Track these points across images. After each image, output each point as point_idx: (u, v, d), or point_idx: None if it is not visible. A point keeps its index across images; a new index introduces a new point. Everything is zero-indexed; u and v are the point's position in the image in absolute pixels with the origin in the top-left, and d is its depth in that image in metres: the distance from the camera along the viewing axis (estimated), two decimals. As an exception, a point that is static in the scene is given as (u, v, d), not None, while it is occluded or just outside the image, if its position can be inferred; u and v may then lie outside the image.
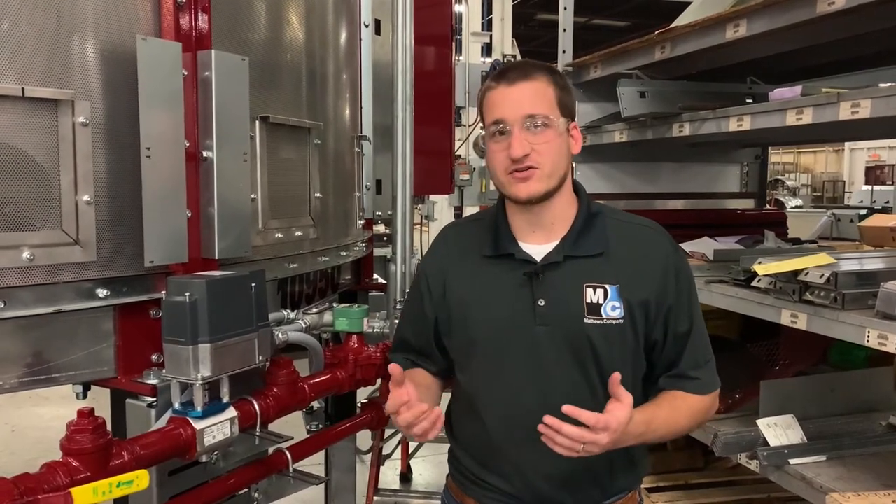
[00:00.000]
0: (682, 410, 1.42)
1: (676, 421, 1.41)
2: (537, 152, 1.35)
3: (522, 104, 1.35)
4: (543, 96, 1.36)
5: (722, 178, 4.35)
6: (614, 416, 1.22)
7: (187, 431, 1.31)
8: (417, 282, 1.56)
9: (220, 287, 1.34)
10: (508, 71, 1.40)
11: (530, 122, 1.35)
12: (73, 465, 1.13)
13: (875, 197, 14.00)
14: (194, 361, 1.30)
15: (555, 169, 1.37)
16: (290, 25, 1.90)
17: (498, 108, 1.37)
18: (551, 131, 1.36)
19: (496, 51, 7.61)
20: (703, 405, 1.45)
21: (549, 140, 1.36)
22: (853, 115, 2.18)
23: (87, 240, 1.36)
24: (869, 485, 2.28)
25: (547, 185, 1.37)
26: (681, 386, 1.43)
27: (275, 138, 1.77)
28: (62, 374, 1.40)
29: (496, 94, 1.38)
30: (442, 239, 1.59)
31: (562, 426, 1.20)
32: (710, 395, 1.46)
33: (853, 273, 2.29)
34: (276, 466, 1.60)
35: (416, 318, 1.54)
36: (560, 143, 1.38)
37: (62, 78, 1.32)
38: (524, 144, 1.34)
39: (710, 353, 1.48)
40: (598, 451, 1.23)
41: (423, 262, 1.58)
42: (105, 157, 1.39)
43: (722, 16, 2.67)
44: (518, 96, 1.36)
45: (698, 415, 1.45)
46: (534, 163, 1.35)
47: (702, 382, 1.44)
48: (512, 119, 1.35)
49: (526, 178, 1.36)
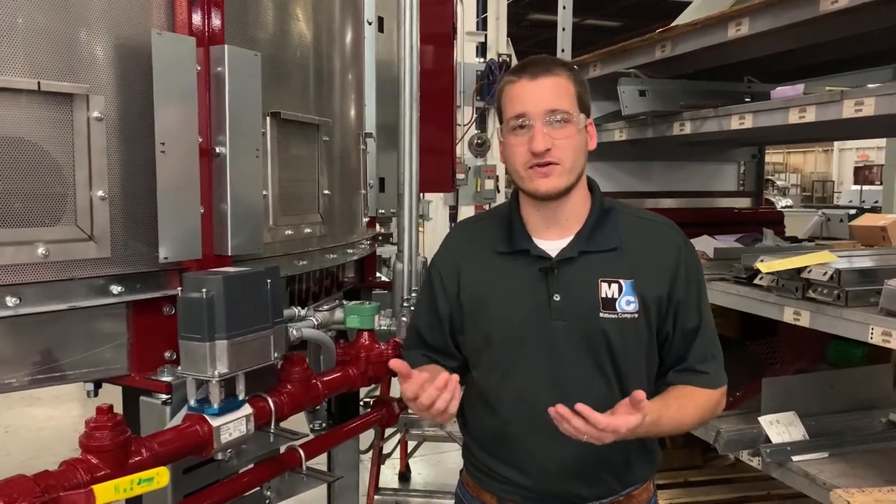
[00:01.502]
0: (689, 407, 1.42)
1: (683, 417, 1.42)
2: (558, 147, 1.35)
3: (545, 99, 1.35)
4: (565, 92, 1.37)
5: (719, 177, 4.37)
6: (625, 421, 1.22)
7: (204, 429, 1.30)
8: (430, 279, 1.56)
9: (237, 283, 1.33)
10: (529, 65, 1.40)
11: (552, 117, 1.35)
12: (93, 462, 1.11)
13: (864, 197, 14.14)
14: (211, 358, 1.29)
15: (574, 164, 1.38)
16: (298, 21, 1.89)
17: (519, 101, 1.37)
18: (572, 127, 1.37)
19: (491, 50, 7.59)
20: (710, 401, 1.45)
21: (570, 136, 1.36)
22: (856, 113, 2.20)
23: (102, 236, 1.35)
24: (871, 481, 2.29)
25: (567, 180, 1.38)
26: (689, 380, 1.44)
27: (285, 135, 1.76)
28: (75, 371, 1.38)
29: (517, 88, 1.38)
30: (454, 236, 1.60)
31: (571, 418, 1.20)
32: (719, 389, 1.47)
33: (856, 270, 2.30)
34: (289, 464, 1.59)
35: (431, 316, 1.53)
36: (580, 138, 1.39)
37: (77, 72, 1.31)
38: (546, 139, 1.34)
39: (717, 347, 1.48)
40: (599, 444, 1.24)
41: (435, 259, 1.58)
42: (119, 152, 1.38)
43: (724, 14, 2.68)
44: (540, 91, 1.36)
45: (706, 411, 1.45)
46: (554, 158, 1.36)
47: (710, 377, 1.44)
48: (534, 113, 1.35)
49: (547, 174, 1.36)
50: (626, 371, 1.41)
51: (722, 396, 1.48)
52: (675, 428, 1.44)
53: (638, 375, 1.42)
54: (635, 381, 1.41)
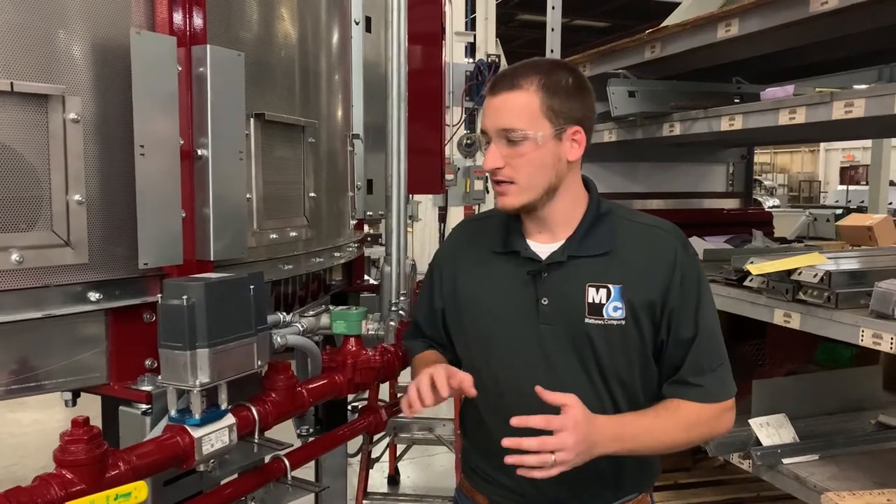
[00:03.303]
0: (668, 419, 1.34)
1: (665, 427, 1.33)
2: (511, 167, 1.34)
3: (499, 116, 1.34)
4: (524, 108, 1.31)
5: (708, 178, 4.37)
6: (568, 414, 1.19)
7: (185, 440, 1.26)
8: (431, 272, 1.58)
9: (219, 290, 1.29)
10: (499, 79, 1.37)
11: (505, 135, 1.33)
12: (68, 477, 1.07)
13: (850, 197, 14.23)
14: (192, 367, 1.25)
15: (531, 182, 1.35)
16: (283, 21, 1.86)
17: (483, 116, 1.38)
18: (528, 144, 1.32)
19: (480, 50, 7.58)
20: (701, 416, 1.35)
21: (525, 154, 1.33)
22: (846, 114, 2.19)
23: (79, 241, 1.30)
24: (862, 483, 2.29)
25: (525, 198, 1.36)
26: (681, 393, 1.36)
27: (269, 136, 1.73)
28: (51, 381, 1.34)
29: (486, 103, 1.38)
30: (457, 232, 1.61)
31: (520, 442, 1.17)
32: (718, 404, 1.36)
33: (846, 272, 2.30)
34: (274, 474, 1.56)
35: (428, 308, 1.57)
36: (541, 154, 1.33)
37: (53, 72, 1.27)
38: (496, 158, 1.34)
39: (719, 360, 1.38)
40: (571, 455, 1.17)
41: (437, 255, 1.61)
42: (97, 155, 1.34)
43: (714, 15, 2.67)
44: (497, 108, 1.34)
45: (695, 426, 1.36)
46: (505, 177, 1.35)
47: (704, 390, 1.35)
48: (490, 130, 1.36)
49: (503, 193, 1.37)
50: (615, 378, 1.37)
51: (724, 411, 1.38)
52: (656, 440, 1.34)
53: (629, 384, 1.38)
54: (626, 389, 1.38)
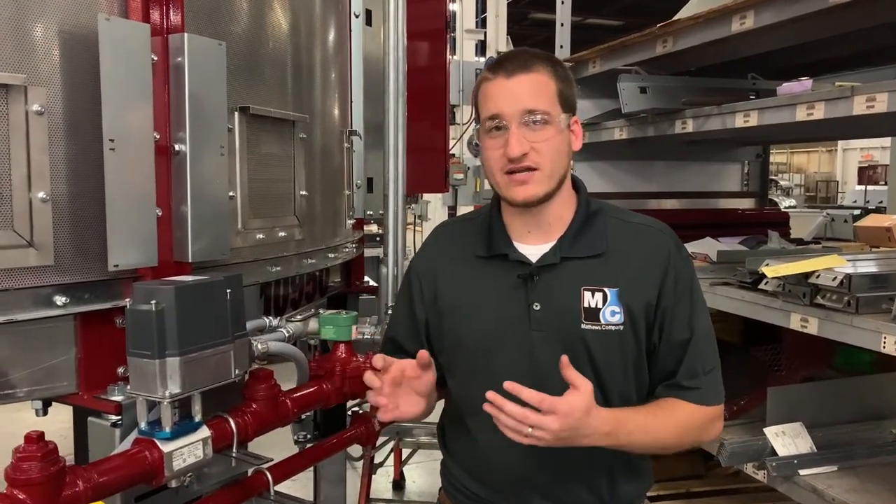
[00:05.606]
0: (664, 418, 1.28)
1: (660, 427, 1.27)
2: (536, 151, 1.24)
3: (521, 98, 1.24)
4: (544, 90, 1.25)
5: (722, 178, 4.26)
6: (565, 401, 1.11)
7: (154, 455, 1.18)
8: (408, 282, 1.46)
9: (191, 294, 1.21)
10: (506, 61, 1.28)
11: (529, 118, 1.24)
12: (20, 497, 0.99)
13: (868, 197, 14.00)
14: (161, 377, 1.17)
15: (555, 169, 1.27)
16: (273, 11, 1.77)
17: (494, 101, 1.26)
18: (551, 128, 1.25)
19: (490, 48, 7.50)
20: (694, 417, 1.30)
21: (549, 138, 1.25)
22: (868, 109, 2.08)
23: (44, 241, 1.23)
24: (883, 497, 2.19)
25: (546, 187, 1.27)
26: (676, 395, 1.30)
27: (256, 131, 1.65)
28: (17, 389, 1.27)
29: (492, 87, 1.27)
30: (434, 238, 1.50)
31: (504, 403, 1.10)
32: (711, 408, 1.31)
33: (867, 275, 2.19)
34: (256, 489, 1.47)
35: (407, 320, 1.44)
36: (560, 140, 1.27)
37: (14, 61, 1.19)
38: (522, 143, 1.23)
39: (712, 363, 1.33)
40: (550, 437, 1.11)
41: (413, 262, 1.49)
42: (64, 149, 1.26)
43: (728, 7, 2.56)
44: (516, 89, 1.24)
45: (689, 427, 1.30)
46: (532, 163, 1.25)
47: (700, 392, 1.30)
48: (509, 114, 1.24)
49: (524, 181, 1.25)
50: (611, 387, 1.29)
51: (715, 417, 1.33)
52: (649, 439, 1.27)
53: (625, 392, 1.31)
54: (621, 397, 1.30)
